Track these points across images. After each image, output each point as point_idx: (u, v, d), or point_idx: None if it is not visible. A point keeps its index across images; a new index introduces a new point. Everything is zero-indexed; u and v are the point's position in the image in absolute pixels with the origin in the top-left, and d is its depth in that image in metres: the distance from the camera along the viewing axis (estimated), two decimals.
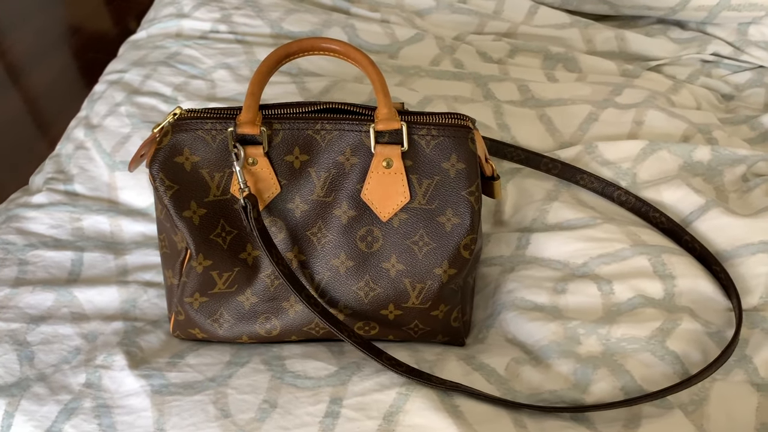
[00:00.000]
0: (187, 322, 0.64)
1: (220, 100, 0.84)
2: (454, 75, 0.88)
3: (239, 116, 0.60)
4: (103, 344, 0.66)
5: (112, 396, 0.62)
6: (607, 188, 0.74)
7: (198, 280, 0.62)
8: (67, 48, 1.92)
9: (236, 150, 0.59)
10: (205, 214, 0.61)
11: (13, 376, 0.64)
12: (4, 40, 1.94)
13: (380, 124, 0.59)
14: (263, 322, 0.63)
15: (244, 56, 0.89)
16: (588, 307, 0.66)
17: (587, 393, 0.60)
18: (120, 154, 0.81)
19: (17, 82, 1.81)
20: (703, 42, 0.95)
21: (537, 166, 0.76)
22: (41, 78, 1.82)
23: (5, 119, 1.70)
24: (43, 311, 0.69)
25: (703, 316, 0.65)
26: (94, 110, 0.88)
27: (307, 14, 0.96)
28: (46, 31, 1.97)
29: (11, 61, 1.87)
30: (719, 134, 0.81)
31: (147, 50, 0.94)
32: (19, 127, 1.68)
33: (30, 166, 1.51)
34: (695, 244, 0.69)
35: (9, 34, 1.96)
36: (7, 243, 0.75)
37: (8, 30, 1.97)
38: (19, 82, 1.81)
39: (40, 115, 1.74)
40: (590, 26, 0.97)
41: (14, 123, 1.69)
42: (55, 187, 0.81)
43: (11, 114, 1.72)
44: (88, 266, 0.74)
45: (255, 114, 0.59)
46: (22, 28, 1.97)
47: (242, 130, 0.59)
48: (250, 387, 0.60)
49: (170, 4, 1.00)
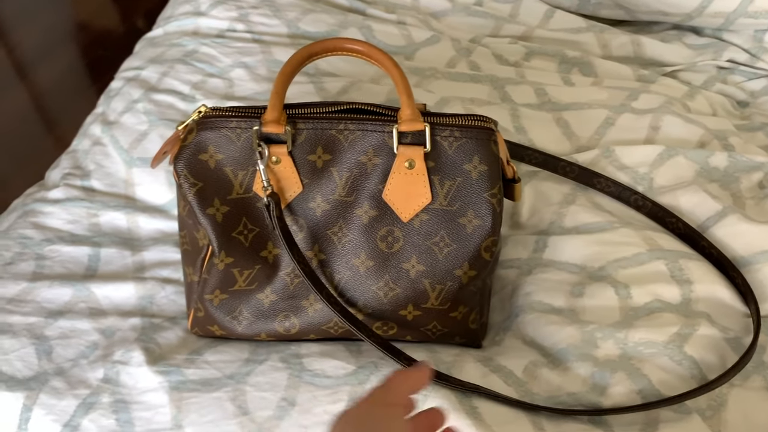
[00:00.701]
0: (207, 319, 0.64)
1: (237, 99, 0.84)
2: (470, 77, 0.88)
3: (264, 115, 0.60)
4: (120, 340, 0.66)
5: (130, 392, 0.62)
6: (624, 192, 0.74)
7: (219, 277, 0.62)
8: (74, 45, 1.92)
9: (260, 149, 0.59)
10: (228, 212, 0.62)
11: (31, 370, 0.64)
12: (12, 36, 1.94)
13: (403, 125, 0.60)
14: (282, 320, 0.64)
15: (261, 56, 0.90)
16: (605, 311, 0.66)
17: (605, 396, 0.60)
18: (137, 151, 0.81)
19: (24, 79, 1.82)
20: (718, 48, 0.95)
21: (554, 169, 0.76)
22: (48, 75, 1.82)
23: (12, 115, 1.70)
24: (60, 306, 0.69)
25: (721, 321, 0.65)
26: (111, 107, 0.88)
27: (324, 14, 0.96)
28: (53, 28, 1.97)
29: (18, 58, 1.87)
30: (735, 141, 0.81)
31: (164, 48, 0.94)
32: (26, 124, 1.68)
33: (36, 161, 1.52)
34: (712, 249, 0.69)
35: (16, 31, 1.96)
36: (25, 237, 0.75)
37: (15, 27, 1.97)
38: (26, 78, 1.82)
39: (47, 111, 1.74)
40: (606, 31, 0.97)
41: (21, 119, 1.69)
42: (72, 183, 0.81)
43: (18, 110, 1.72)
44: (105, 262, 0.74)
45: (280, 113, 0.60)
46: (29, 24, 1.97)
47: (267, 129, 0.59)
48: (268, 384, 0.61)
49: (187, 2, 1.00)
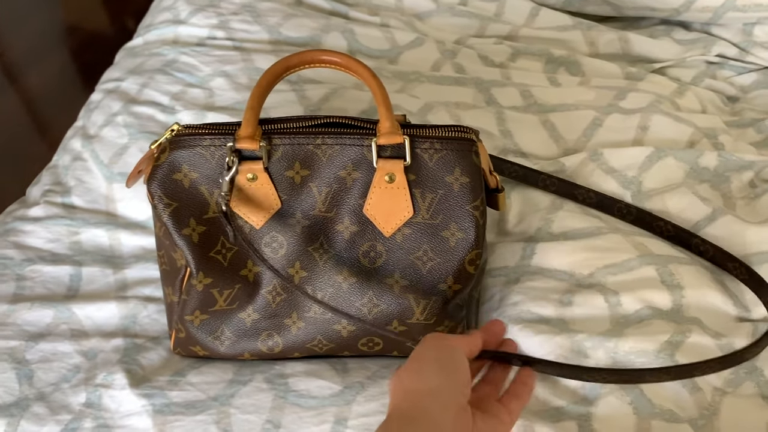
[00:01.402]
0: (188, 340, 0.63)
1: (218, 109, 0.83)
2: (455, 80, 0.87)
3: (239, 131, 0.59)
4: (103, 362, 0.65)
5: (113, 416, 0.61)
6: (605, 201, 0.73)
7: (198, 298, 0.61)
8: (65, 48, 1.91)
9: (230, 161, 0.58)
10: (204, 232, 0.60)
11: (12, 396, 0.63)
12: (1, 41, 1.93)
13: (382, 139, 0.58)
14: (265, 339, 0.63)
15: (242, 63, 0.88)
16: (595, 319, 0.65)
17: (595, 406, 0.59)
18: (118, 166, 0.80)
19: (15, 83, 1.81)
20: (707, 43, 0.94)
21: (535, 183, 0.74)
22: (39, 79, 1.81)
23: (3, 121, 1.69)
24: (41, 328, 0.68)
25: (712, 327, 0.64)
26: (91, 120, 0.86)
27: (306, 19, 0.94)
28: (43, 31, 1.96)
29: (9, 63, 1.86)
30: (725, 138, 0.80)
31: (144, 57, 0.93)
32: (18, 128, 1.67)
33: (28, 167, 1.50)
34: (707, 245, 0.68)
35: (6, 36, 1.94)
36: (5, 258, 0.74)
37: (5, 31, 1.96)
38: (16, 83, 1.81)
39: (39, 116, 1.73)
40: (593, 28, 0.96)
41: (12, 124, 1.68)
42: (53, 200, 0.80)
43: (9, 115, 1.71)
44: (86, 281, 0.73)
45: (254, 129, 0.58)
46: (19, 29, 1.96)
47: (241, 145, 0.58)
48: (253, 406, 0.60)
49: (167, 10, 0.98)
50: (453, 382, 0.50)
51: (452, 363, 0.51)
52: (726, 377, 0.60)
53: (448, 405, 0.49)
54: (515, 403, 0.56)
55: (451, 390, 0.50)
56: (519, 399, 0.56)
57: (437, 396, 0.49)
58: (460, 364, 0.52)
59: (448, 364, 0.51)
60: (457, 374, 0.51)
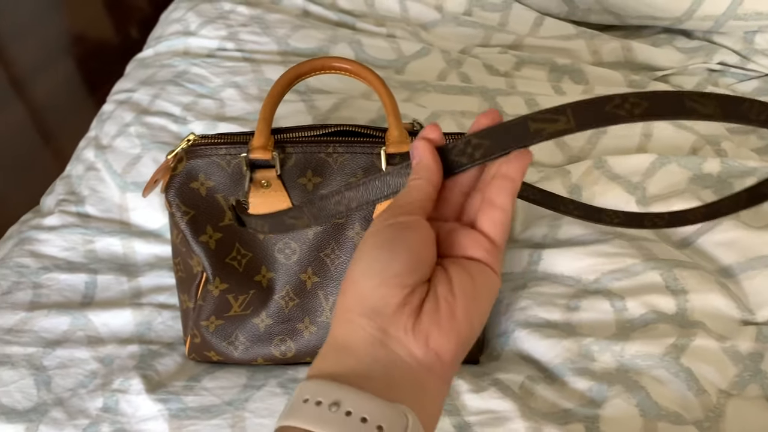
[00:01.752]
0: (203, 345, 0.65)
1: (229, 119, 0.84)
2: (461, 89, 0.88)
3: (252, 141, 0.60)
4: (119, 368, 0.67)
5: (130, 420, 0.62)
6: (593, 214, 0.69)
7: (214, 304, 0.63)
8: (70, 58, 1.93)
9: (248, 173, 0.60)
10: (220, 238, 0.62)
11: (30, 401, 0.65)
12: (7, 51, 1.95)
13: (391, 147, 0.60)
14: (278, 343, 0.64)
15: (252, 74, 0.90)
16: (601, 324, 0.66)
17: (602, 409, 0.60)
18: (131, 175, 0.81)
19: (21, 94, 1.82)
20: (709, 51, 0.95)
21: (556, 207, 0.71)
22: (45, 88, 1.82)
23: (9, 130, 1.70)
24: (58, 335, 0.70)
25: (717, 330, 0.65)
26: (103, 130, 0.88)
27: (314, 30, 0.96)
28: (48, 41, 1.98)
29: (15, 72, 1.88)
30: (728, 145, 0.81)
31: (155, 69, 0.94)
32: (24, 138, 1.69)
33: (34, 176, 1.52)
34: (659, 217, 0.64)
35: (12, 46, 1.96)
36: (21, 266, 0.75)
37: (11, 41, 1.98)
38: (23, 93, 1.82)
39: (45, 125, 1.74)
40: (596, 37, 0.97)
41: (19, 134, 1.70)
42: (67, 209, 0.81)
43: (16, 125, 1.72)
44: (101, 289, 0.74)
45: (267, 139, 0.60)
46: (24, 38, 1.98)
47: (255, 156, 0.60)
48: (267, 410, 0.61)
49: (176, 22, 1.00)
50: (399, 264, 0.36)
51: (395, 242, 0.37)
52: (731, 380, 0.61)
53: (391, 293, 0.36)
54: (495, 209, 0.40)
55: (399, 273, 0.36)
56: (502, 192, 0.40)
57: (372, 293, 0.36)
58: (404, 242, 0.37)
59: (391, 246, 0.37)
60: (403, 254, 0.37)
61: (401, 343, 0.36)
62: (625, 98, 0.37)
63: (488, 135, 0.40)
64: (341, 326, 0.37)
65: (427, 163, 0.41)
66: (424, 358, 0.36)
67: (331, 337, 0.38)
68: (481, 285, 0.38)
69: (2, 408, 0.64)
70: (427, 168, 0.41)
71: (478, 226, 0.41)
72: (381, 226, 0.38)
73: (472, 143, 0.40)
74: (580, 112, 0.38)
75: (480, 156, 0.40)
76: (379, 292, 0.36)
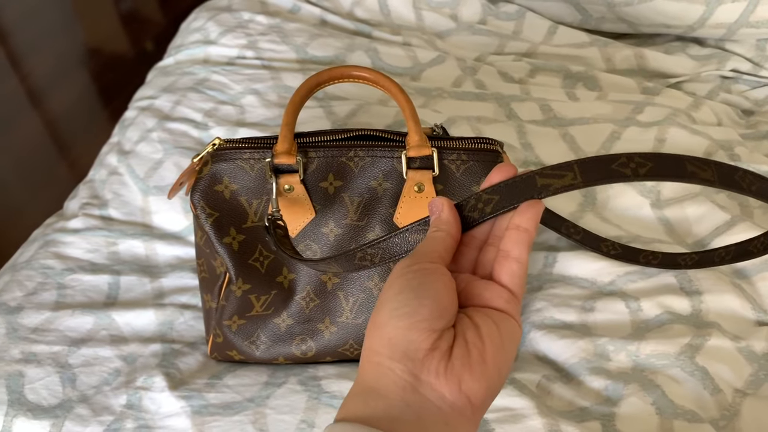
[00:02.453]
0: (225, 344, 0.66)
1: (249, 125, 0.86)
2: (476, 96, 0.90)
3: (276, 146, 0.62)
4: (142, 366, 0.68)
5: (153, 417, 0.64)
6: (591, 242, 0.70)
7: (236, 304, 0.64)
8: (86, 70, 1.96)
9: (272, 179, 0.61)
10: (243, 240, 0.63)
11: (56, 398, 0.66)
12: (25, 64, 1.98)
13: (412, 151, 0.61)
14: (299, 343, 0.65)
15: (271, 81, 0.92)
16: (616, 325, 0.67)
17: (619, 407, 0.60)
18: (153, 179, 0.83)
19: (38, 106, 1.85)
20: (722, 58, 0.96)
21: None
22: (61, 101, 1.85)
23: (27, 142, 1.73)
24: (83, 334, 0.71)
25: (731, 330, 0.66)
26: (126, 136, 0.90)
27: (331, 39, 0.98)
28: (65, 54, 2.01)
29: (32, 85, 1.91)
30: (741, 150, 0.82)
31: (176, 76, 0.96)
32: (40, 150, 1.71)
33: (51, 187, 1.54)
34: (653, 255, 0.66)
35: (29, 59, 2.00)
36: (47, 267, 0.77)
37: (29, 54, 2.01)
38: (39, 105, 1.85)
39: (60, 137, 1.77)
40: (609, 45, 0.99)
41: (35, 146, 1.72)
42: (91, 212, 0.83)
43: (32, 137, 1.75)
44: (124, 289, 0.76)
45: (291, 144, 0.61)
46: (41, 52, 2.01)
47: (279, 161, 0.61)
48: (288, 407, 0.62)
49: (197, 31, 1.02)
50: (422, 314, 0.37)
51: (421, 288, 0.38)
52: (746, 379, 0.62)
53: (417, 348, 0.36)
54: (511, 261, 0.41)
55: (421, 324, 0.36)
56: (518, 244, 0.41)
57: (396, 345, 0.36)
58: (430, 288, 0.38)
59: (416, 292, 0.38)
60: (428, 301, 0.37)
61: (433, 388, 0.36)
62: (630, 158, 0.39)
63: (497, 191, 0.41)
64: (370, 369, 0.37)
65: (446, 217, 0.42)
66: (455, 402, 0.36)
67: (359, 380, 0.38)
68: (506, 333, 0.39)
69: (29, 404, 0.65)
70: (447, 221, 0.42)
71: (495, 278, 0.41)
72: (405, 272, 0.39)
73: (482, 199, 0.42)
74: (587, 169, 0.39)
75: (490, 211, 0.42)
76: (409, 337, 0.36)
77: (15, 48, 2.05)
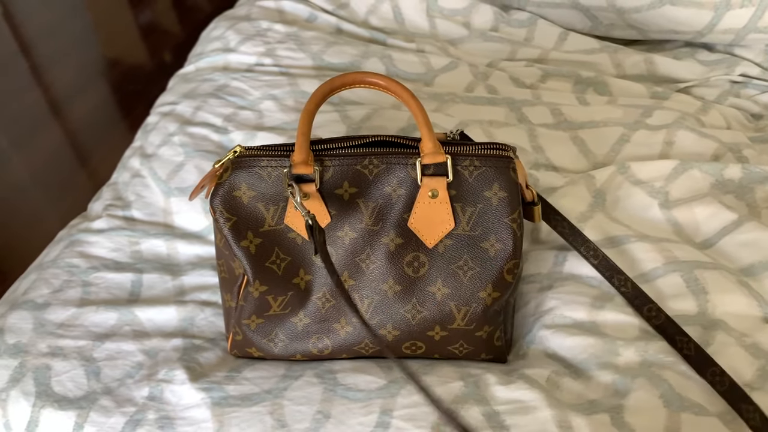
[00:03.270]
0: (245, 342, 0.68)
1: (267, 129, 0.89)
2: (488, 100, 0.92)
3: (293, 156, 0.63)
4: (164, 360, 0.70)
5: (174, 408, 0.66)
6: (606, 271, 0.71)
7: (255, 304, 0.66)
8: (106, 81, 2.00)
9: (292, 189, 0.63)
10: (260, 243, 0.65)
11: (81, 390, 0.68)
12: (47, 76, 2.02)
13: (426, 158, 0.63)
14: (316, 341, 0.67)
15: (289, 87, 0.94)
16: (625, 325, 0.68)
17: (627, 399, 0.62)
18: (174, 181, 0.86)
19: (59, 116, 1.89)
20: (731, 63, 0.98)
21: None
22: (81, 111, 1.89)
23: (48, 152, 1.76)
24: (107, 329, 0.74)
25: (738, 327, 0.67)
26: (148, 140, 0.93)
27: (347, 46, 1.00)
28: (85, 66, 2.05)
29: (53, 96, 1.95)
30: (749, 153, 0.84)
31: (196, 83, 0.99)
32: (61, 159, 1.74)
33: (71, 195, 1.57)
34: (659, 313, 0.67)
35: (51, 71, 2.04)
36: (72, 266, 0.80)
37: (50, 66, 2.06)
38: (60, 115, 1.89)
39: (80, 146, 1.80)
40: (619, 51, 1.00)
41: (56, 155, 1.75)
42: (114, 213, 0.86)
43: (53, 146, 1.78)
44: (147, 287, 0.78)
45: (307, 153, 0.63)
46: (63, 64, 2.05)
47: (297, 171, 0.63)
48: (304, 399, 0.64)
49: (217, 40, 1.05)
50: None
51: None
52: (753, 374, 0.63)
53: None
54: None
55: None
56: None
57: None
58: None
59: None
60: None
61: None
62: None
63: None
64: None
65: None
66: None
67: None
68: None
69: (55, 396, 0.68)
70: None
71: None
72: None
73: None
74: None
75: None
76: None
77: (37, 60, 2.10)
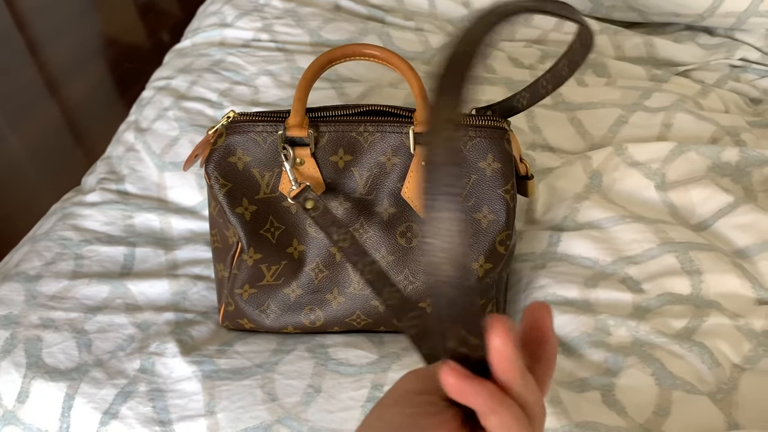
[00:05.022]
0: (237, 313, 0.68)
1: (263, 105, 0.88)
2: (486, 80, 0.91)
3: (288, 119, 0.63)
4: (155, 333, 0.70)
5: (165, 381, 0.66)
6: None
7: (248, 273, 0.66)
8: (103, 59, 1.99)
9: (285, 151, 0.63)
10: (255, 211, 0.65)
11: (72, 362, 0.68)
12: (43, 52, 2.01)
13: (420, 126, 0.63)
14: (308, 313, 0.67)
15: (285, 63, 0.93)
16: (617, 304, 0.68)
17: (618, 378, 0.62)
18: (169, 156, 0.85)
19: (55, 94, 1.88)
20: (731, 47, 0.97)
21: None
22: (78, 89, 1.88)
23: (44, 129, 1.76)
24: (99, 302, 0.73)
25: (731, 308, 0.67)
26: (143, 114, 0.92)
27: (345, 23, 1.00)
28: (83, 43, 2.04)
29: (50, 73, 1.94)
30: (747, 137, 0.83)
31: (192, 58, 0.99)
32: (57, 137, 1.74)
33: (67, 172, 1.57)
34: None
35: (47, 47, 2.03)
36: (64, 239, 0.80)
37: (47, 43, 2.05)
38: (57, 93, 1.88)
39: (77, 124, 1.80)
40: (619, 33, 1.00)
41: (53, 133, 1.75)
42: (108, 187, 0.85)
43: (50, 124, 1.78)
44: (139, 261, 0.78)
45: (302, 117, 0.63)
46: (60, 41, 2.04)
47: (291, 133, 0.63)
48: (295, 373, 0.64)
49: (213, 15, 1.04)
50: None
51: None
52: (745, 355, 0.63)
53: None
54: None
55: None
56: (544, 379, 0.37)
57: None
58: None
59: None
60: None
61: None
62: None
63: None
64: None
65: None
66: None
67: None
68: None
69: (46, 367, 0.67)
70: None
71: None
72: (404, 409, 0.36)
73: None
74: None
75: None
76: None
77: (34, 37, 2.09)
